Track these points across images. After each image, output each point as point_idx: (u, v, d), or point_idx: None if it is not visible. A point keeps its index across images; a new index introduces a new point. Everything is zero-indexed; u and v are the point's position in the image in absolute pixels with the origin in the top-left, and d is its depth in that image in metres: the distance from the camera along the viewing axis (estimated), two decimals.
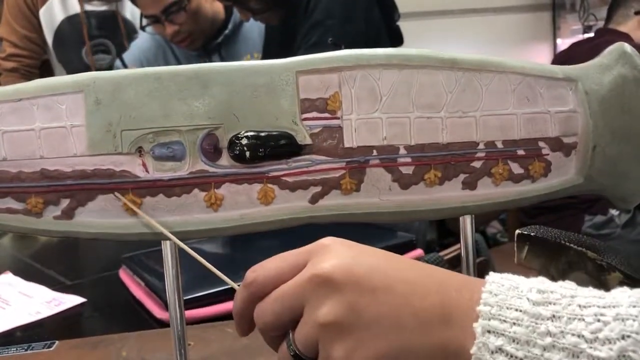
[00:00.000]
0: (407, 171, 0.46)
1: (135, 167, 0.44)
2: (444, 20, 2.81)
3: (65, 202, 0.44)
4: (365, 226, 0.64)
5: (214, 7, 1.42)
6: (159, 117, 0.43)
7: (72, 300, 0.77)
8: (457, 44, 2.72)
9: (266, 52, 1.39)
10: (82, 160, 0.43)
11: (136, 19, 1.62)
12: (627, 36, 1.60)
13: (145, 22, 1.41)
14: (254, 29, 1.45)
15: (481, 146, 0.47)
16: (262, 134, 0.44)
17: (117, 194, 0.43)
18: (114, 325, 0.71)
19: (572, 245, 0.47)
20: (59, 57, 1.72)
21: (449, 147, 0.46)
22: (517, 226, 0.61)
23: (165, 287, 0.46)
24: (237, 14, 1.41)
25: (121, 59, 1.55)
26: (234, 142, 0.44)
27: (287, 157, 0.45)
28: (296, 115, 0.44)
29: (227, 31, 1.45)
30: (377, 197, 0.46)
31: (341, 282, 0.33)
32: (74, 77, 0.44)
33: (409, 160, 0.46)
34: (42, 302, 0.77)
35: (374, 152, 0.46)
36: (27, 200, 0.43)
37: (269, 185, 0.45)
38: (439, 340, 0.32)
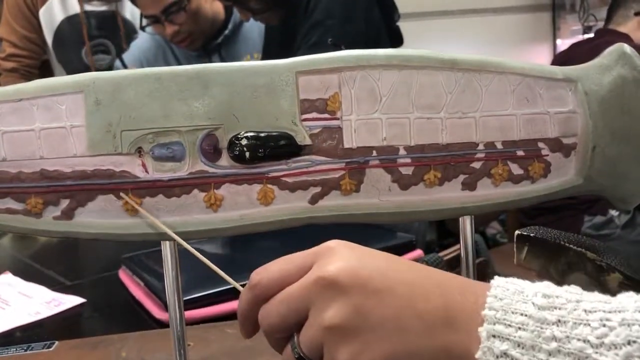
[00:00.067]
0: (406, 172, 0.46)
1: (135, 167, 0.44)
2: (443, 20, 2.81)
3: (65, 203, 0.44)
4: (364, 227, 0.64)
5: (214, 7, 1.42)
6: (158, 118, 0.43)
7: (72, 300, 0.77)
8: (457, 44, 2.72)
9: (266, 53, 1.39)
10: (82, 160, 0.43)
11: (136, 19, 1.62)
12: (627, 37, 1.60)
13: (145, 22, 1.40)
14: (254, 30, 1.45)
15: (481, 147, 0.47)
16: (262, 135, 0.44)
17: (122, 194, 0.43)
18: (113, 325, 0.71)
19: (571, 246, 0.47)
20: (58, 57, 1.72)
21: (448, 147, 0.46)
22: (517, 227, 0.61)
23: (165, 287, 0.46)
24: (237, 14, 1.41)
25: (121, 59, 1.55)
26: (233, 142, 0.44)
27: (286, 158, 0.45)
28: (296, 115, 0.44)
29: (227, 31, 1.45)
30: (377, 197, 0.46)
31: (347, 285, 0.33)
32: (74, 77, 0.44)
33: (408, 160, 0.46)
34: (41, 302, 0.77)
35: (374, 153, 0.46)
36: (27, 200, 0.43)
37: (269, 185, 0.45)
38: (443, 343, 0.32)
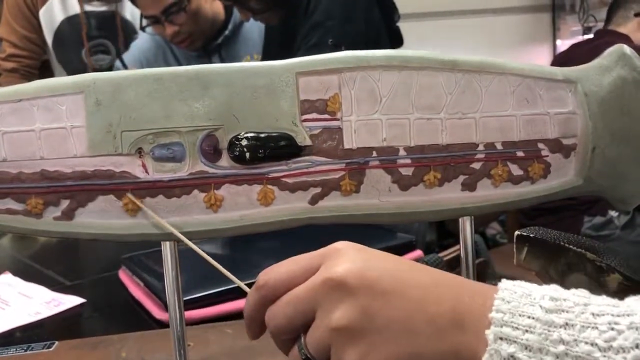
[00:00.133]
0: (406, 172, 0.46)
1: (135, 168, 0.44)
2: (443, 21, 2.81)
3: (65, 203, 0.44)
4: (364, 227, 0.64)
5: (214, 7, 1.42)
6: (159, 118, 0.43)
7: (72, 300, 0.77)
8: (457, 45, 2.72)
9: (266, 53, 1.39)
10: (82, 161, 0.43)
11: (136, 20, 1.62)
12: (626, 37, 1.60)
13: (145, 22, 1.41)
14: (254, 30, 1.45)
15: (481, 147, 0.47)
16: (262, 135, 0.44)
17: (129, 195, 0.43)
18: (113, 325, 0.71)
19: (571, 246, 0.47)
20: (58, 57, 1.72)
21: (448, 148, 0.46)
22: (517, 227, 0.61)
23: (164, 287, 0.46)
24: (237, 15, 1.41)
25: (121, 59, 1.55)
26: (233, 143, 0.44)
27: (286, 158, 0.45)
28: (296, 116, 0.44)
29: (227, 32, 1.45)
30: (377, 198, 0.46)
31: (354, 287, 0.33)
32: (74, 78, 0.44)
33: (408, 161, 0.46)
34: (41, 302, 0.77)
35: (374, 154, 0.46)
36: (27, 201, 0.43)
37: (269, 186, 0.45)
38: (452, 345, 0.32)
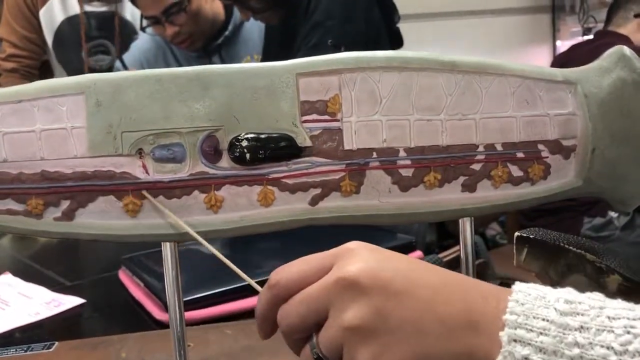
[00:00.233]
0: (406, 173, 0.46)
1: (135, 168, 0.44)
2: (443, 22, 2.81)
3: (65, 204, 0.44)
4: (364, 228, 0.64)
5: (214, 8, 1.42)
6: (159, 119, 0.43)
7: (72, 301, 0.77)
8: (457, 46, 2.72)
9: (266, 53, 1.39)
10: (82, 161, 0.43)
11: (136, 20, 1.62)
12: (626, 38, 1.60)
13: (145, 23, 1.40)
14: (254, 31, 1.45)
15: (481, 149, 0.47)
16: (262, 136, 0.44)
17: (145, 193, 0.43)
18: (113, 326, 0.71)
19: (571, 247, 0.47)
20: (58, 57, 1.72)
21: (448, 149, 0.46)
22: (517, 228, 0.61)
23: (164, 288, 0.46)
24: (237, 16, 1.41)
25: (121, 60, 1.55)
26: (234, 144, 0.44)
27: (287, 159, 0.45)
28: (296, 117, 0.44)
29: (227, 32, 1.45)
30: (377, 199, 0.46)
31: (367, 286, 0.33)
32: (75, 78, 0.44)
33: (408, 162, 0.46)
34: (41, 303, 0.77)
35: (374, 155, 0.46)
36: (28, 201, 0.43)
37: (269, 187, 0.45)
38: (465, 347, 0.32)
